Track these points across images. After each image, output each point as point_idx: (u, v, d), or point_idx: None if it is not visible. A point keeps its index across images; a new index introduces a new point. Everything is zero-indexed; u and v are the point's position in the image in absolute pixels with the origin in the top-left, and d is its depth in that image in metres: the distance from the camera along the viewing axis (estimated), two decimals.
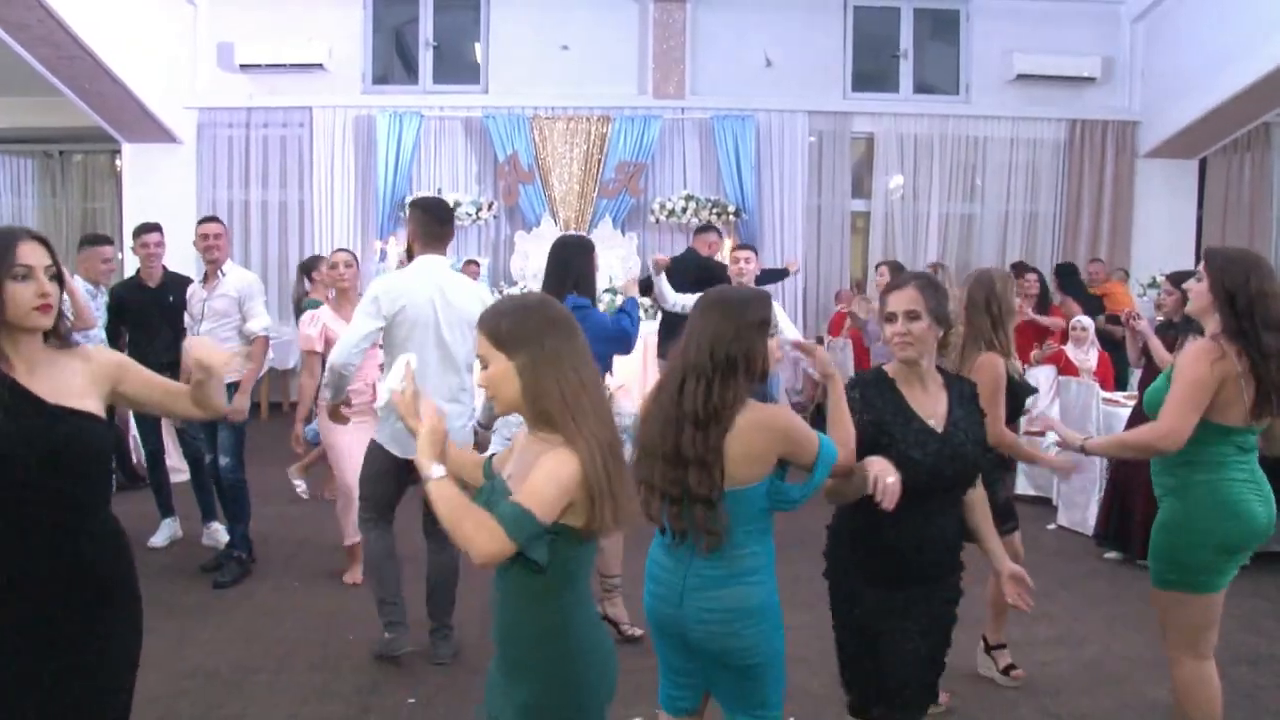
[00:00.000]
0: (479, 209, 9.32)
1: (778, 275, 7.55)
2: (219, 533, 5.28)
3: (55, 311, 2.02)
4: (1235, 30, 8.13)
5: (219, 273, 4.98)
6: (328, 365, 3.92)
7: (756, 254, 5.47)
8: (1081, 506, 5.73)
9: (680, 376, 2.26)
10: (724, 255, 6.58)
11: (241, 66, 9.36)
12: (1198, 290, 2.79)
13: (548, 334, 1.96)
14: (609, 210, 9.30)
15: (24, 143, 10.55)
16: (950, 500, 2.52)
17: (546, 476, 1.85)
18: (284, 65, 9.35)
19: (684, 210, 9.29)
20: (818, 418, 2.85)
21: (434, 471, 1.89)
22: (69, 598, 1.99)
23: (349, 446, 4.50)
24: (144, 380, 2.20)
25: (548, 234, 9.18)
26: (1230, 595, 2.84)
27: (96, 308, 5.72)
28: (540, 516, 1.82)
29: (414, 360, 2.10)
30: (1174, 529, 2.75)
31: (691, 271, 6.35)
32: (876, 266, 7.49)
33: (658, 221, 9.39)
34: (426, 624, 3.96)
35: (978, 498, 2.59)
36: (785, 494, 2.27)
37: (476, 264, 9.27)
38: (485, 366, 1.99)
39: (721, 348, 2.23)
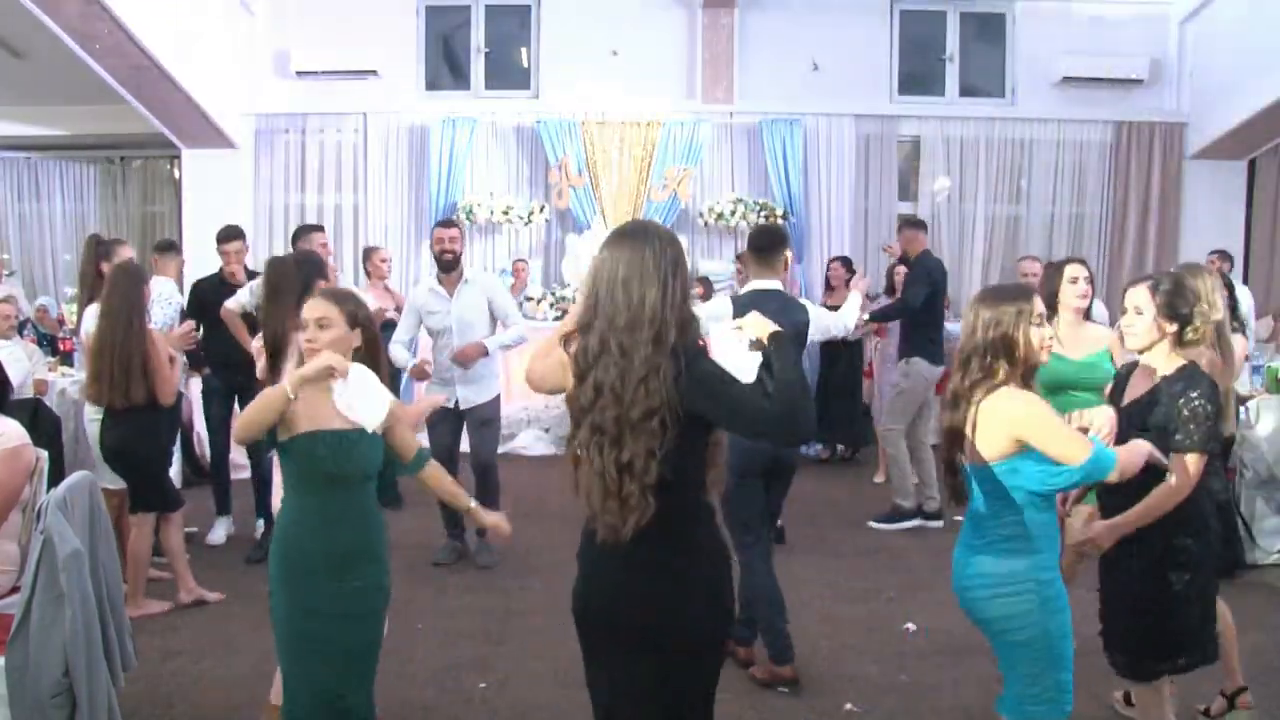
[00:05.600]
0: (530, 212, 9.47)
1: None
2: None
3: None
4: None
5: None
6: None
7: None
8: None
9: (957, 362, 2.60)
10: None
11: (298, 74, 9.56)
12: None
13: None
14: (658, 213, 9.37)
15: (86, 149, 10.80)
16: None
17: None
18: (339, 72, 9.53)
19: (732, 214, 9.39)
20: None
21: None
22: None
23: None
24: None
25: (598, 237, 9.33)
26: None
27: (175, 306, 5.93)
28: None
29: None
30: None
31: None
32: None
33: (706, 225, 9.50)
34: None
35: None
36: (1026, 479, 2.48)
37: (525, 263, 9.46)
38: (325, 328, 2.60)
39: (986, 334, 2.51)
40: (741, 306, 3.77)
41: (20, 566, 3.09)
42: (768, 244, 3.94)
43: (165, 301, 5.58)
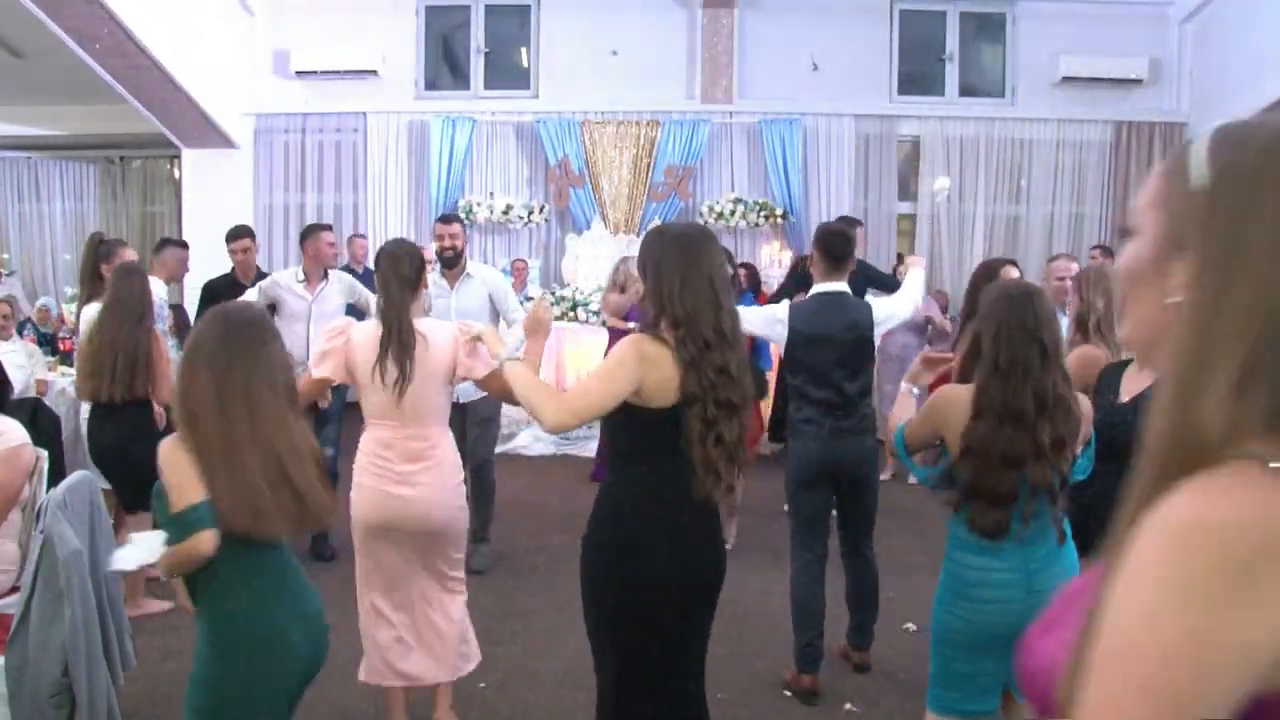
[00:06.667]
0: (530, 212, 9.49)
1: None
2: None
3: None
4: None
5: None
6: None
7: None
8: None
9: (1017, 372, 2.39)
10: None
11: (297, 73, 9.59)
12: None
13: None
14: (658, 213, 9.41)
15: (86, 149, 10.83)
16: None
17: None
18: (339, 72, 9.57)
19: (732, 213, 9.40)
20: None
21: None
22: None
23: None
24: None
25: (598, 236, 9.36)
26: None
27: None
28: None
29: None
30: None
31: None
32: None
33: (706, 224, 9.50)
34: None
35: None
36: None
37: (524, 263, 9.47)
38: None
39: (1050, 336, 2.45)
40: (803, 310, 3.85)
41: (20, 566, 3.09)
42: (847, 253, 3.85)
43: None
